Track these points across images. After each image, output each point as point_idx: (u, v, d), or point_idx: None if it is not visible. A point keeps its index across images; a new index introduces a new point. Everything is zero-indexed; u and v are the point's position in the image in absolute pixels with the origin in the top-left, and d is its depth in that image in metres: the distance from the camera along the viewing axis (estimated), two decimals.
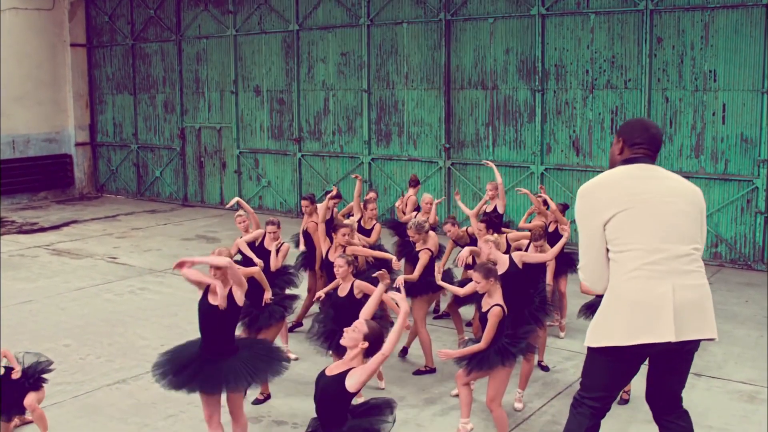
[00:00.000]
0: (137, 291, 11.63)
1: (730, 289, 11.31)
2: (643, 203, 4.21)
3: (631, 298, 4.21)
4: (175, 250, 14.50)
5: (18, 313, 10.43)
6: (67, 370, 8.32)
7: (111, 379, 8.16)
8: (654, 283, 4.15)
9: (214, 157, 19.43)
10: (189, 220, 17.92)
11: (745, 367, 8.28)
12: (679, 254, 4.15)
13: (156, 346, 9.16)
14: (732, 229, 12.57)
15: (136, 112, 20.79)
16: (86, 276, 12.48)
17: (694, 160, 12.75)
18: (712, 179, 12.60)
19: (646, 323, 4.18)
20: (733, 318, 9.89)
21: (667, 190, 4.26)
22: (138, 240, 15.54)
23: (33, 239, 15.51)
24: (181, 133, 19.85)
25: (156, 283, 12.09)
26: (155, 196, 20.73)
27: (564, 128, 14.14)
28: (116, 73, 21.05)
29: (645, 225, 4.18)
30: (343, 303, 6.99)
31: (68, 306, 10.79)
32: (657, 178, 4.32)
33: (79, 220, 17.74)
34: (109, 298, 11.25)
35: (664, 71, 12.89)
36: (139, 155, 20.86)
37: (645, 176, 4.31)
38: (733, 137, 12.34)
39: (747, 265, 12.44)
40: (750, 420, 7.02)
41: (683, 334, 4.16)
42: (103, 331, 9.69)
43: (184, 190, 20.08)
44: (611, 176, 4.40)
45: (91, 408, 7.44)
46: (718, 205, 12.60)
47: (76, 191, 21.44)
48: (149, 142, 20.67)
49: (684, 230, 4.21)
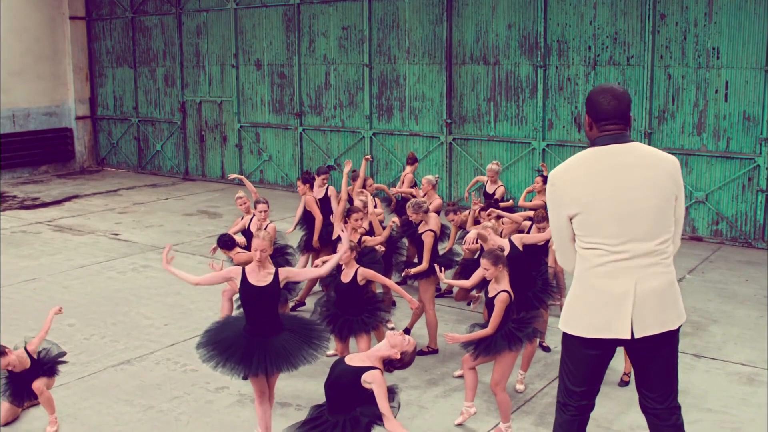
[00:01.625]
0: (140, 269, 11.67)
1: (731, 267, 11.35)
2: (607, 201, 4.11)
3: (592, 295, 4.25)
4: (177, 226, 14.54)
5: (22, 291, 10.48)
6: (72, 351, 8.36)
7: (115, 360, 8.23)
8: (615, 281, 4.16)
9: (215, 131, 19.39)
10: (190, 194, 17.93)
11: (744, 348, 8.34)
12: (642, 252, 4.12)
13: (159, 326, 9.24)
14: (733, 207, 12.58)
15: (136, 85, 20.71)
16: (89, 253, 12.52)
17: (696, 137, 12.73)
18: (713, 157, 12.59)
19: (604, 320, 4.22)
20: (733, 298, 9.94)
21: (633, 183, 4.11)
22: (139, 215, 15.57)
23: (35, 215, 15.54)
24: (182, 106, 19.79)
25: (158, 261, 12.10)
26: (156, 169, 20.72)
27: (566, 104, 14.10)
28: (116, 46, 20.94)
29: (607, 226, 4.12)
30: (346, 288, 7.03)
31: (71, 284, 10.84)
32: (625, 166, 4.13)
33: (80, 195, 17.75)
34: (111, 276, 11.30)
35: (667, 48, 12.82)
36: (140, 129, 20.82)
37: (613, 165, 4.14)
38: (736, 115, 12.31)
39: (747, 243, 12.47)
40: (749, 402, 7.08)
41: (645, 330, 4.17)
42: (106, 311, 9.75)
43: (185, 163, 20.07)
44: (578, 166, 4.24)
45: (96, 390, 7.51)
46: (719, 183, 12.60)
47: (77, 165, 21.43)
48: (150, 115, 20.62)
49: (648, 227, 4.12)
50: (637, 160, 4.13)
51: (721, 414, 6.87)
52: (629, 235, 4.10)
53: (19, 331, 8.86)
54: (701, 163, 12.74)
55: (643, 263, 4.12)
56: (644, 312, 4.13)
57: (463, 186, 15.34)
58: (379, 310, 7.28)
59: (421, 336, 8.58)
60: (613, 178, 4.12)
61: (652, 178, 4.10)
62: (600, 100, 4.16)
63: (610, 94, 4.17)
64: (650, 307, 4.14)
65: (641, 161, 4.13)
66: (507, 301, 6.40)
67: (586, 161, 4.22)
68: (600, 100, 4.16)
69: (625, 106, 4.17)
